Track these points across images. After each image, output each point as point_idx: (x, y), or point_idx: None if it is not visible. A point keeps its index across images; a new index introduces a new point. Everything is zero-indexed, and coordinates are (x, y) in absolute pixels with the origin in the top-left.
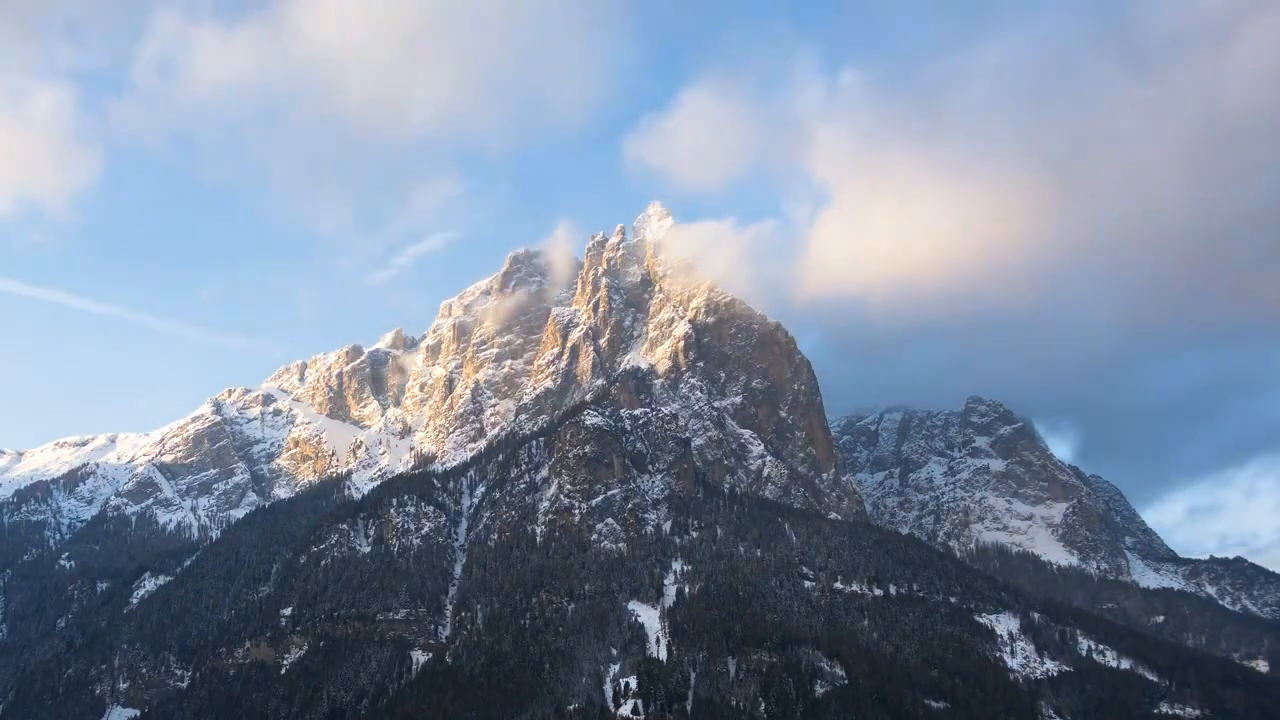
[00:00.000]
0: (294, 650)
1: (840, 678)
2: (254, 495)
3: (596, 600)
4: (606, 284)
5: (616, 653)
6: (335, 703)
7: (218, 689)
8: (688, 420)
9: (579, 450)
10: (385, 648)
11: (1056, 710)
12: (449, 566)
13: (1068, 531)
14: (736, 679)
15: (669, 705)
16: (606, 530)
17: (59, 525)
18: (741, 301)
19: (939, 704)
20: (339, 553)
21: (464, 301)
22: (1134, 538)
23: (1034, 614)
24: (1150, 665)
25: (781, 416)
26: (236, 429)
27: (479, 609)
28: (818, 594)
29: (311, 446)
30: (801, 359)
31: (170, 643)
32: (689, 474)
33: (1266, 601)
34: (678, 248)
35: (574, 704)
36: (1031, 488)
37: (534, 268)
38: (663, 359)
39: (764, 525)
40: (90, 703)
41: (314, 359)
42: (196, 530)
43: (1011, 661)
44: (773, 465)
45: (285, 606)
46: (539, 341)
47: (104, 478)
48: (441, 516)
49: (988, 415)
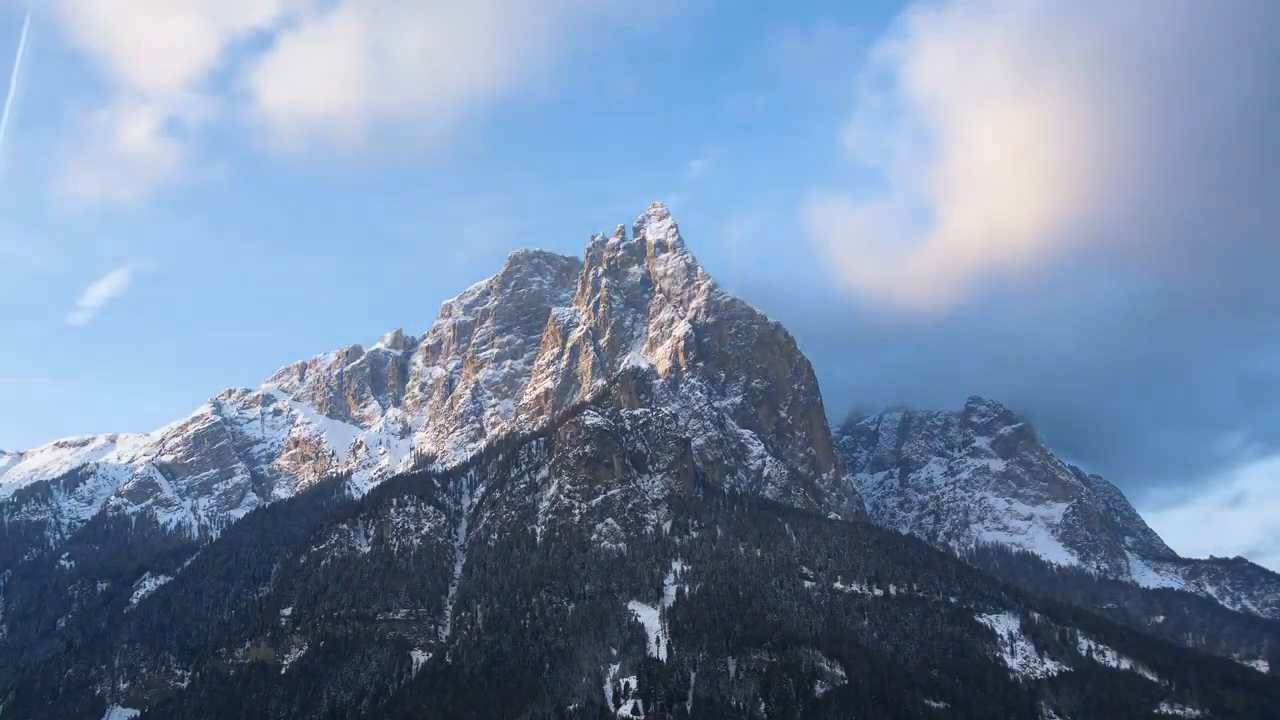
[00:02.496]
0: (294, 650)
1: (840, 678)
2: (254, 495)
3: (596, 600)
4: (606, 284)
5: (616, 653)
6: (335, 703)
7: (218, 689)
8: (688, 420)
9: (579, 450)
10: (385, 648)
11: (1056, 710)
12: (449, 566)
13: (1068, 531)
14: (736, 679)
15: (669, 705)
16: (606, 530)
17: (59, 525)
18: (741, 301)
19: (939, 704)
20: (339, 553)
21: (464, 301)
22: (1134, 538)
23: (1034, 614)
24: (1150, 665)
25: (781, 416)
26: (236, 429)
27: (479, 609)
28: (818, 594)
29: (311, 446)
30: (801, 359)
31: (170, 643)
32: (689, 474)
33: (1266, 601)
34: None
35: (574, 704)
36: (1031, 488)
37: (534, 268)
38: (663, 359)
39: (764, 525)
40: (90, 703)
41: (314, 359)
42: (196, 530)
43: (1011, 661)
44: (773, 465)
45: (285, 606)
46: (539, 341)
47: (104, 478)
48: (441, 516)
49: (988, 415)
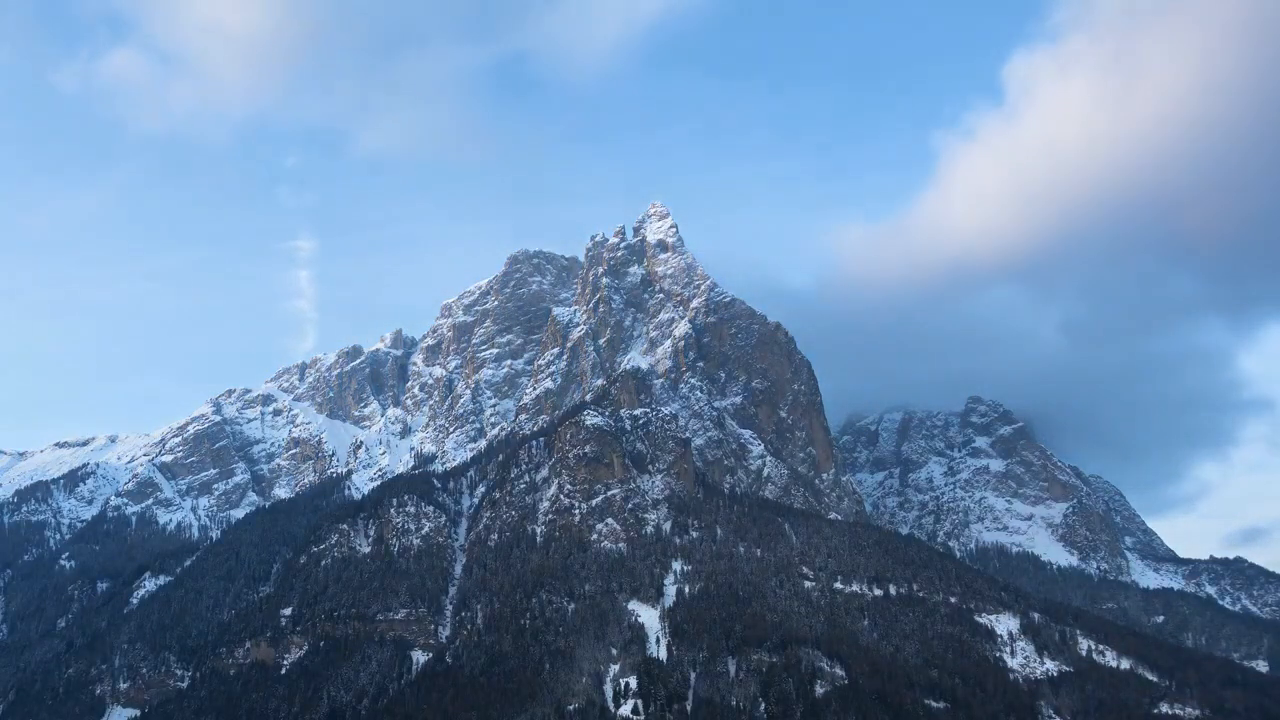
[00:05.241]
0: (294, 650)
1: (840, 678)
2: (254, 495)
3: (596, 600)
4: (606, 284)
5: (616, 653)
6: (335, 703)
7: (218, 689)
8: (688, 420)
9: (579, 450)
10: (385, 648)
11: (1056, 710)
12: (449, 566)
13: (1068, 531)
14: (736, 679)
15: (669, 705)
16: (606, 530)
17: (59, 525)
18: (741, 301)
19: (939, 704)
20: (339, 553)
21: (464, 301)
22: (1134, 538)
23: (1034, 614)
24: (1150, 665)
25: (781, 416)
26: (236, 429)
27: (479, 609)
28: (818, 594)
29: (311, 447)
30: (801, 359)
31: (170, 643)
32: (689, 474)
33: (1266, 601)
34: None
35: (574, 704)
36: (1031, 488)
37: (534, 268)
38: (663, 359)
39: (764, 525)
40: (90, 703)
41: (314, 359)
42: (196, 530)
43: (1011, 661)
44: (773, 465)
45: (285, 606)
46: (539, 341)
47: (104, 478)
48: (441, 516)
49: (988, 415)
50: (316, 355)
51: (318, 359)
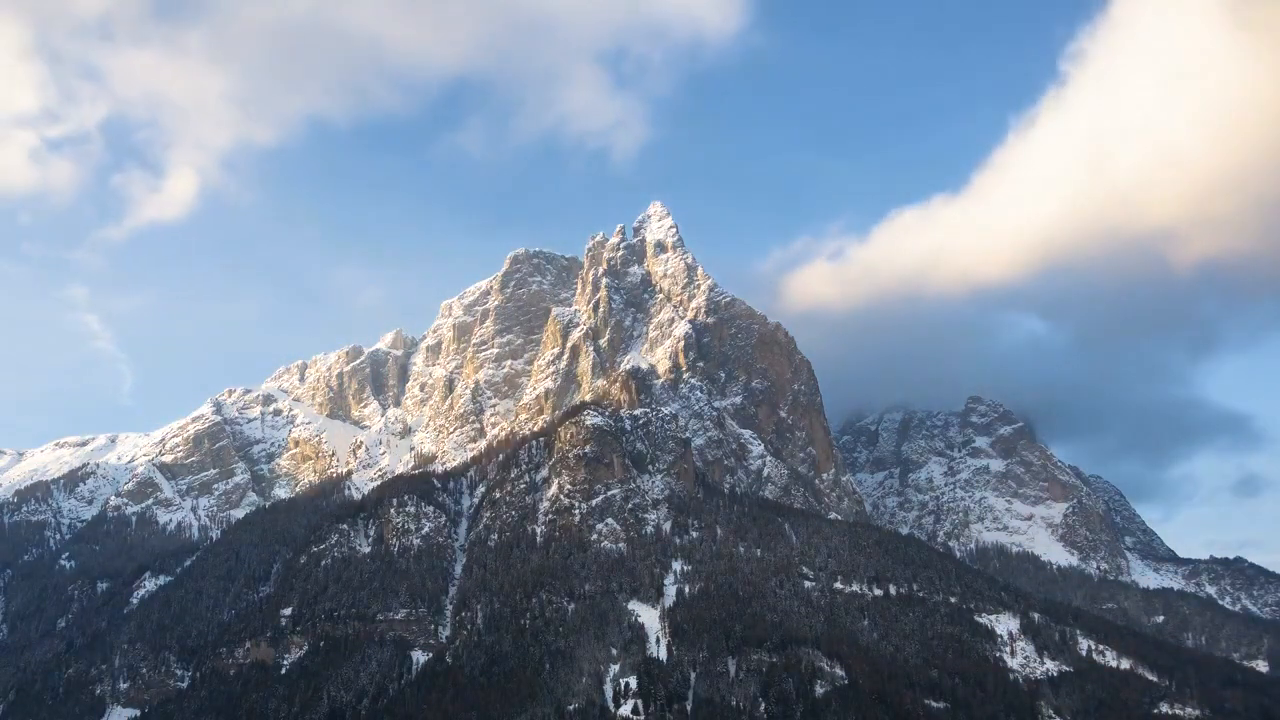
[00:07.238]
0: (294, 650)
1: (840, 678)
2: (254, 495)
3: (596, 600)
4: (607, 284)
5: (616, 653)
6: (335, 703)
7: (218, 689)
8: (688, 420)
9: (579, 450)
10: (385, 648)
11: (1056, 710)
12: (449, 566)
13: (1068, 531)
14: (736, 679)
15: (669, 705)
16: (606, 530)
17: (59, 525)
18: (741, 301)
19: (939, 704)
20: (339, 553)
21: (464, 301)
22: (1134, 538)
23: (1034, 614)
24: (1150, 665)
25: (781, 416)
26: (236, 429)
27: (479, 609)
28: (818, 594)
29: (312, 446)
30: (801, 359)
31: (170, 643)
32: (689, 474)
33: (1266, 601)
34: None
35: (574, 704)
36: (1031, 488)
37: (534, 268)
38: (663, 359)
39: (764, 525)
40: (90, 703)
41: (314, 359)
42: (196, 530)
43: (1011, 661)
44: (773, 465)
45: (285, 606)
46: (539, 341)
47: (104, 478)
48: (441, 516)
49: (988, 415)
50: (316, 355)
51: (318, 359)
